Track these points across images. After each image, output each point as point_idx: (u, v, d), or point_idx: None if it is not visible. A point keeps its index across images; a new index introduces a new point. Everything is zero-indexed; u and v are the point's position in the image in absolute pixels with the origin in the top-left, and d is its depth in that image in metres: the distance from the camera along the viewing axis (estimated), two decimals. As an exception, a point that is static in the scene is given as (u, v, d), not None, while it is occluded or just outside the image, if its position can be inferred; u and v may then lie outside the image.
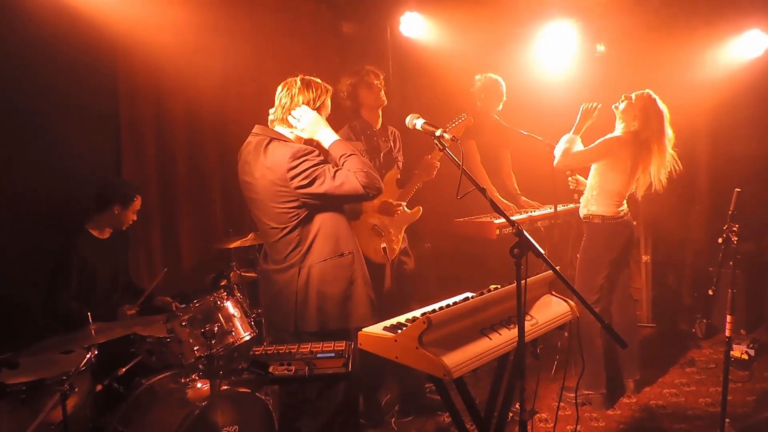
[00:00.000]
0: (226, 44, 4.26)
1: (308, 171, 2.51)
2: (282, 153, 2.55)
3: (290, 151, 2.54)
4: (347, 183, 2.51)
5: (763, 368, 4.28)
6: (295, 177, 2.52)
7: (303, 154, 2.52)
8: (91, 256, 3.32)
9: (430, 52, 5.24)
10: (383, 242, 3.43)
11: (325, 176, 2.52)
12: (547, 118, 5.05)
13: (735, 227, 2.85)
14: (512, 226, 2.08)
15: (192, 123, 4.27)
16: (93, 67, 3.70)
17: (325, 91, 2.71)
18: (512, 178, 4.63)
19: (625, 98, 3.65)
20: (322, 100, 2.69)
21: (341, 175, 2.52)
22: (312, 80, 2.70)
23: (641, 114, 3.56)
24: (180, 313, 3.03)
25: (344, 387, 2.68)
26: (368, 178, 2.53)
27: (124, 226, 3.48)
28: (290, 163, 2.51)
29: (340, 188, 2.52)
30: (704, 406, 3.78)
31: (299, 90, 2.64)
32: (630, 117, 3.62)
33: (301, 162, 2.51)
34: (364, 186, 2.51)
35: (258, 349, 2.20)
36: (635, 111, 3.59)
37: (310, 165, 2.52)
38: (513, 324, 2.26)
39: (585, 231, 3.85)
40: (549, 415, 3.72)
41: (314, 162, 2.53)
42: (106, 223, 3.43)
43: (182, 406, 2.78)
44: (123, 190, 3.42)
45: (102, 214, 3.39)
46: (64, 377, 2.51)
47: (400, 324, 2.20)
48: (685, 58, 5.11)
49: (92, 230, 3.40)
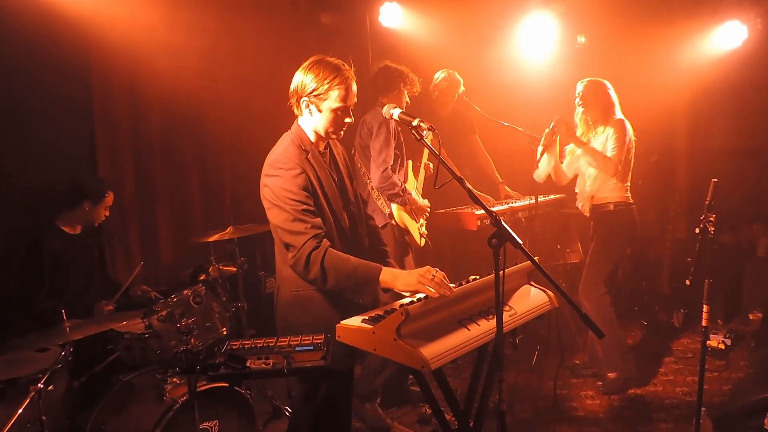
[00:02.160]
0: (201, 37, 4.18)
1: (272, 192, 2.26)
2: (273, 151, 2.36)
3: (273, 155, 2.33)
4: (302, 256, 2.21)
5: (739, 358, 4.34)
6: (263, 187, 2.32)
7: (279, 167, 2.25)
8: (62, 252, 3.26)
9: (410, 43, 5.21)
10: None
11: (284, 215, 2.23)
12: (528, 108, 5.07)
13: (712, 217, 2.87)
14: (490, 217, 2.08)
15: (168, 116, 4.20)
16: (65, 59, 3.61)
17: (333, 76, 2.31)
18: (491, 163, 4.61)
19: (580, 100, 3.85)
20: (324, 87, 2.30)
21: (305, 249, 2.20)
22: (325, 61, 2.35)
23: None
24: (158, 309, 2.99)
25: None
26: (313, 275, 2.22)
27: (95, 222, 3.43)
28: (264, 170, 2.31)
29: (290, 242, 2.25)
30: (681, 395, 3.83)
31: (302, 69, 2.34)
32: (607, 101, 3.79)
33: (273, 177, 2.27)
34: (307, 274, 2.22)
35: (235, 344, 2.17)
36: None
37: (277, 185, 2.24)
38: (492, 315, 2.26)
39: (596, 221, 3.88)
40: (529, 404, 3.74)
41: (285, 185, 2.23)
42: (77, 220, 3.37)
43: (160, 402, 2.75)
44: (94, 186, 3.36)
45: (73, 210, 3.33)
46: (39, 375, 2.47)
47: (378, 315, 2.18)
48: (665, 49, 5.15)
49: (63, 226, 3.34)
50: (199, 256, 3.98)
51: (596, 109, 3.82)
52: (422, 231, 3.81)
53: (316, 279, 2.22)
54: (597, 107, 3.82)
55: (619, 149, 3.68)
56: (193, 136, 4.36)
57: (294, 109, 2.40)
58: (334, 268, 2.20)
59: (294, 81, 2.36)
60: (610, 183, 3.77)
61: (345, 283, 2.25)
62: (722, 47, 5.14)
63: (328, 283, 2.21)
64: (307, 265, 2.20)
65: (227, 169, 4.64)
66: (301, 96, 2.33)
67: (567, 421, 3.56)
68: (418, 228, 3.76)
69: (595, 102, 3.82)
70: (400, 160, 3.66)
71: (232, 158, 4.63)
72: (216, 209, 4.49)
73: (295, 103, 2.37)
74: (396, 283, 2.21)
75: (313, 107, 2.33)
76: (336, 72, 2.30)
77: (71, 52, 3.64)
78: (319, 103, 2.32)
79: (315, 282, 2.24)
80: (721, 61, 5.15)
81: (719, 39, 5.14)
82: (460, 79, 4.32)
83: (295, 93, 2.35)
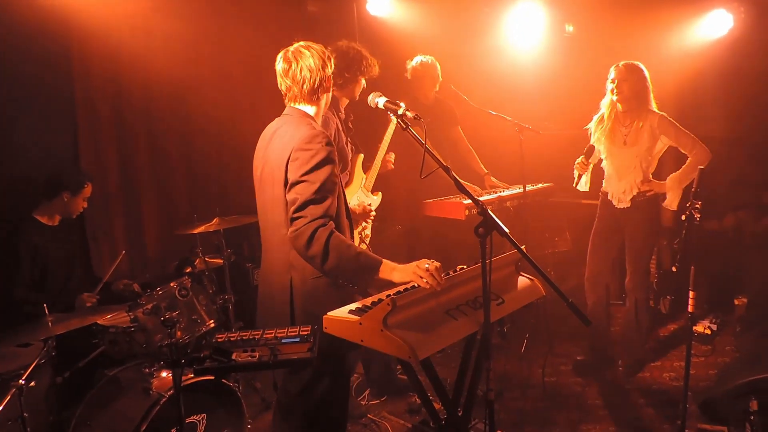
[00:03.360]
0: (185, 25, 4.11)
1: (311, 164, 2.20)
2: (300, 132, 2.27)
3: (310, 132, 2.25)
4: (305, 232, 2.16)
5: (724, 343, 4.39)
6: (296, 159, 2.22)
7: (320, 142, 2.22)
8: (41, 243, 3.22)
9: (397, 31, 5.17)
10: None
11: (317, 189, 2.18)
12: (516, 97, 5.06)
13: (698, 204, 2.88)
14: (476, 205, 2.07)
15: (151, 106, 4.16)
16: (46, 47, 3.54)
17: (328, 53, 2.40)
18: (474, 155, 4.56)
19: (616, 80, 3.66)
20: (332, 63, 2.40)
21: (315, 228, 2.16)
22: (312, 45, 2.39)
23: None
24: (143, 302, 2.96)
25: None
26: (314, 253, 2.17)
27: (74, 214, 3.39)
28: (302, 145, 2.22)
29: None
30: (668, 380, 3.86)
31: (305, 60, 2.33)
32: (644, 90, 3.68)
33: (314, 151, 2.21)
34: (307, 250, 2.17)
35: (221, 336, 2.15)
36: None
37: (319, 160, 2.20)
38: (479, 304, 2.25)
39: (648, 213, 3.81)
40: (518, 392, 3.75)
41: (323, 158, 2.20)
42: (55, 211, 3.34)
43: (146, 396, 2.72)
44: (73, 177, 3.32)
45: (51, 201, 3.29)
46: (21, 371, 2.44)
47: (365, 306, 2.17)
48: (652, 37, 5.14)
49: (40, 218, 3.29)
50: (185, 248, 3.94)
51: (632, 99, 3.64)
52: (364, 234, 3.50)
53: (315, 257, 2.16)
54: (632, 96, 3.65)
55: (688, 135, 3.63)
56: (177, 125, 4.31)
57: (305, 97, 2.37)
58: (337, 249, 2.16)
59: (307, 69, 2.32)
60: (644, 173, 3.74)
61: (345, 267, 2.18)
62: (709, 35, 5.14)
63: (327, 263, 2.15)
64: (311, 240, 2.14)
65: (213, 159, 4.59)
66: (326, 77, 2.38)
67: (556, 408, 3.58)
68: (359, 232, 3.46)
69: (631, 90, 3.62)
70: (342, 165, 3.26)
71: (217, 148, 4.58)
72: (202, 200, 4.44)
73: (316, 88, 2.36)
74: (393, 275, 2.19)
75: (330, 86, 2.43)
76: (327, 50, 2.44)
77: (51, 40, 3.57)
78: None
79: (313, 259, 2.18)
80: (707, 50, 5.15)
81: (705, 27, 5.14)
82: (437, 65, 4.25)
83: (320, 77, 2.36)
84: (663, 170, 3.90)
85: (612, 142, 3.78)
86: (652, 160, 3.76)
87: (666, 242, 4.99)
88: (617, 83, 3.64)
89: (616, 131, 3.76)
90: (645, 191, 3.73)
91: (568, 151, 4.16)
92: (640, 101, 3.65)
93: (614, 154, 3.79)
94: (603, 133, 3.79)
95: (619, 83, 3.63)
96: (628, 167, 3.74)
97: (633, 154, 3.71)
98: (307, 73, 2.32)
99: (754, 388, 2.66)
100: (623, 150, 3.74)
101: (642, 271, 3.87)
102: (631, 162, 3.72)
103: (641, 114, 3.68)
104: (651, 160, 3.75)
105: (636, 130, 3.69)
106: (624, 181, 3.77)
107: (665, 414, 3.44)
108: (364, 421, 3.51)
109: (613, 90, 3.67)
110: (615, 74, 3.66)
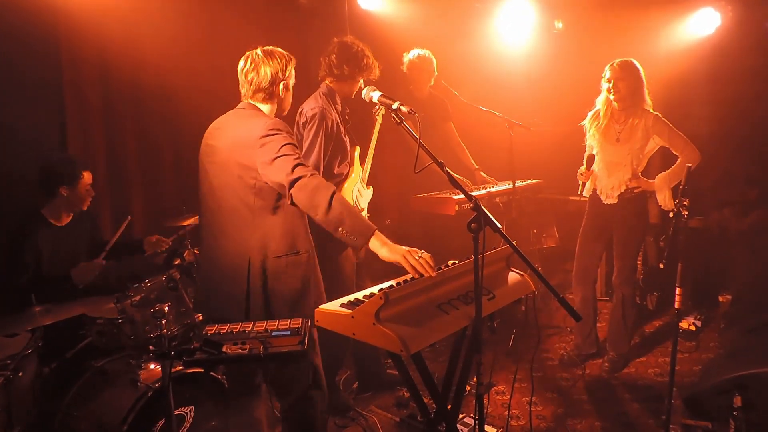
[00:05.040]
0: (174, 15, 4.04)
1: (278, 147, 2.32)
2: (261, 121, 2.41)
3: (272, 120, 2.42)
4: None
5: (709, 339, 4.45)
6: (261, 147, 2.34)
7: (277, 129, 2.37)
8: (48, 243, 3.12)
9: (389, 26, 5.16)
10: None
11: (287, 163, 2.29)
12: (506, 93, 5.07)
13: (685, 202, 2.91)
14: (470, 201, 2.07)
15: (139, 95, 4.09)
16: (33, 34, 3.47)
17: (289, 60, 2.56)
18: (465, 151, 4.56)
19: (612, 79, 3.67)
20: (289, 71, 2.56)
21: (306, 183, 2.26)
22: (275, 50, 2.55)
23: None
24: (131, 293, 2.93)
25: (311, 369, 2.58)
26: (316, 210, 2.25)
27: (82, 205, 3.25)
28: (268, 131, 2.35)
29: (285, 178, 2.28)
30: (653, 376, 3.91)
31: (263, 61, 2.49)
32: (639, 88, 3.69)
33: (284, 132, 2.37)
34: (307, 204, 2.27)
35: (211, 329, 2.14)
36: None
37: (282, 143, 2.32)
38: (470, 299, 2.26)
39: (636, 209, 3.85)
40: (506, 387, 3.78)
41: (285, 142, 2.33)
42: (60, 208, 3.20)
43: (134, 388, 2.71)
44: (66, 169, 3.15)
45: (52, 199, 3.15)
46: (8, 361, 2.41)
47: (357, 300, 2.17)
48: (640, 35, 5.18)
49: (49, 218, 3.18)
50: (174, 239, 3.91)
51: (628, 97, 3.67)
52: None
53: (320, 204, 2.21)
54: (629, 95, 3.67)
55: (680, 136, 3.67)
56: (166, 115, 4.26)
57: (259, 97, 2.55)
58: (341, 203, 2.23)
59: (266, 71, 2.51)
60: (634, 170, 3.77)
61: (344, 221, 2.22)
62: (696, 34, 5.20)
63: (330, 212, 2.20)
64: (318, 188, 2.22)
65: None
66: (279, 81, 2.54)
67: (542, 402, 3.61)
68: None
69: (627, 89, 3.66)
70: (341, 157, 3.36)
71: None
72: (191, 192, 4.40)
73: (270, 90, 2.54)
74: (382, 250, 2.23)
75: (284, 91, 2.58)
76: (290, 56, 2.61)
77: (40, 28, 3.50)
78: (290, 86, 2.63)
79: (317, 208, 2.22)
80: (695, 48, 5.20)
81: (693, 25, 5.19)
82: (433, 59, 4.26)
83: (274, 81, 2.53)
84: (650, 170, 3.94)
85: (605, 139, 3.81)
86: (643, 158, 3.79)
87: (652, 239, 5.05)
88: (614, 82, 3.65)
89: (610, 128, 3.79)
90: (633, 188, 3.77)
91: (557, 148, 4.19)
92: (635, 99, 3.68)
93: (606, 150, 3.82)
94: (597, 130, 3.82)
95: (616, 82, 3.65)
96: (618, 164, 3.77)
97: (625, 151, 3.74)
98: (262, 75, 2.50)
99: (737, 384, 2.70)
100: (615, 146, 3.77)
101: (629, 267, 3.91)
102: (622, 159, 3.75)
103: (636, 112, 3.71)
104: (642, 158, 3.78)
105: (630, 127, 3.72)
106: (613, 177, 3.80)
107: (650, 409, 3.49)
108: (352, 414, 3.52)
109: (609, 89, 3.69)
110: (611, 73, 3.68)
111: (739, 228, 4.87)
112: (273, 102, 2.56)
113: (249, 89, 2.53)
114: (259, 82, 2.49)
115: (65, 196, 3.17)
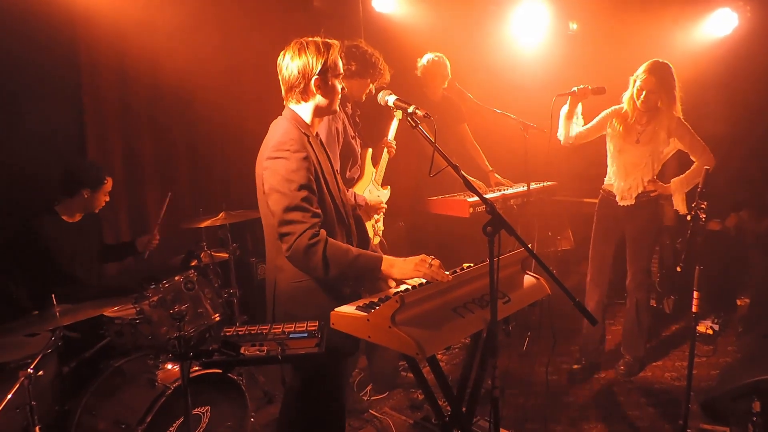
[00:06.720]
0: (190, 17, 4.10)
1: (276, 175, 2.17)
2: (272, 134, 2.28)
3: (276, 137, 2.23)
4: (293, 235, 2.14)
5: (726, 343, 4.41)
6: (265, 170, 2.22)
7: (286, 149, 2.17)
8: (59, 237, 3.21)
9: (403, 28, 5.16)
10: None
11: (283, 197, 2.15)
12: (520, 95, 5.05)
13: (703, 205, 2.88)
14: (485, 204, 2.07)
15: (157, 99, 4.15)
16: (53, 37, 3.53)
17: (325, 50, 2.28)
18: (479, 152, 4.56)
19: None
20: (320, 63, 2.25)
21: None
22: (311, 41, 2.30)
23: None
24: (149, 294, 2.97)
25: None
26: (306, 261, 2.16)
27: (96, 208, 3.39)
28: (267, 152, 2.21)
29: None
30: (670, 380, 3.88)
31: (292, 57, 2.27)
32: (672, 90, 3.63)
33: (279, 159, 2.17)
34: (293, 255, 2.16)
35: (229, 330, 2.16)
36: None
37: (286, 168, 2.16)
38: (485, 302, 2.26)
39: (650, 212, 3.82)
40: (520, 389, 3.77)
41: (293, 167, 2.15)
42: (77, 208, 3.34)
43: (152, 388, 2.74)
44: (92, 173, 3.30)
45: (72, 198, 3.28)
46: (28, 360, 2.45)
47: (372, 303, 2.18)
48: (656, 36, 5.13)
49: (62, 214, 3.29)
50: (191, 241, 3.95)
51: (655, 104, 3.60)
52: (377, 227, 3.60)
53: (317, 268, 2.16)
54: (658, 100, 3.60)
55: (699, 141, 3.65)
56: (182, 118, 4.31)
57: (294, 96, 2.31)
58: (335, 258, 2.15)
59: (293, 67, 2.26)
60: (652, 172, 3.75)
61: (347, 273, 2.20)
62: (713, 34, 5.14)
63: (330, 272, 2.16)
64: (307, 255, 2.14)
65: (218, 153, 4.60)
66: (311, 77, 2.25)
67: (558, 405, 3.60)
68: (372, 225, 3.54)
69: (659, 100, 3.59)
70: (351, 160, 3.39)
71: (222, 142, 4.59)
72: (206, 194, 4.45)
73: (302, 88, 2.27)
74: (392, 271, 2.20)
75: (322, 86, 2.28)
76: (330, 45, 2.31)
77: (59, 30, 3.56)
78: (332, 79, 2.30)
79: (315, 271, 2.18)
80: (712, 48, 5.15)
81: (710, 26, 5.14)
82: (447, 62, 4.26)
83: (303, 77, 2.26)
84: (665, 172, 3.92)
85: (625, 140, 3.76)
86: (661, 160, 3.77)
87: (669, 241, 5.00)
88: (646, 94, 3.56)
89: (631, 128, 3.74)
90: (650, 191, 3.74)
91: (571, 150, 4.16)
92: (666, 103, 3.62)
93: (625, 150, 3.77)
94: (618, 129, 3.75)
95: (648, 94, 3.56)
96: (637, 165, 3.74)
97: (645, 153, 3.71)
98: (293, 71, 2.26)
99: (756, 389, 2.67)
100: (635, 147, 3.74)
101: (643, 271, 3.88)
102: (641, 160, 3.73)
103: (661, 114, 3.65)
104: (661, 160, 3.76)
105: (652, 129, 3.68)
106: (631, 178, 3.77)
107: (667, 413, 3.46)
108: (366, 416, 3.53)
109: (639, 96, 3.59)
110: (642, 83, 3.56)
111: (756, 230, 4.82)
112: (309, 100, 2.32)
113: (284, 90, 2.34)
114: (288, 81, 2.29)
115: (85, 198, 3.29)
